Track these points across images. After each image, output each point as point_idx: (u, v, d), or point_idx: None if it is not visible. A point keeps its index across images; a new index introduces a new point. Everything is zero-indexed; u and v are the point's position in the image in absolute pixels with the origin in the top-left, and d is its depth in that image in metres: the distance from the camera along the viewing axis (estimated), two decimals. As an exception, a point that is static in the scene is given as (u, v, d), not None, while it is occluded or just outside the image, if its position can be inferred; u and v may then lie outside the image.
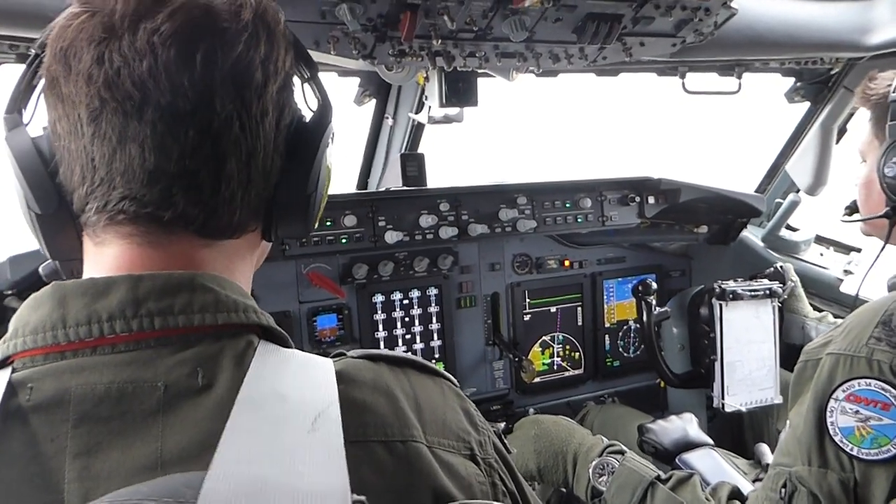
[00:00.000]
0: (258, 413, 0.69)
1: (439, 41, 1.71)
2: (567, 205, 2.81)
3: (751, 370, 2.62)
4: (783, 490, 1.45)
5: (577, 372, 3.15)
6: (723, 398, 2.56)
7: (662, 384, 3.18)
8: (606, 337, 3.20)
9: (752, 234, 3.31)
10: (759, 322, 2.63)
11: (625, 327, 3.24)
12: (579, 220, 2.83)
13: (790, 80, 2.99)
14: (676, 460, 2.10)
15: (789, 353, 2.71)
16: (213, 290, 0.78)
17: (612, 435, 2.57)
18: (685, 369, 2.82)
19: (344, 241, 2.46)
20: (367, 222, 2.49)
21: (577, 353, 3.14)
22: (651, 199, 2.93)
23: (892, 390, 1.33)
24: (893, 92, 1.53)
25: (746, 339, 2.61)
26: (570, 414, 3.01)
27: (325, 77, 2.27)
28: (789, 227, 3.30)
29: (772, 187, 3.37)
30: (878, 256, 1.73)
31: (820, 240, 3.33)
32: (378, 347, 2.72)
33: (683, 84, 2.62)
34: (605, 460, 1.91)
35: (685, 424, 2.24)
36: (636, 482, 1.80)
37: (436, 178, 2.66)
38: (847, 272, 3.02)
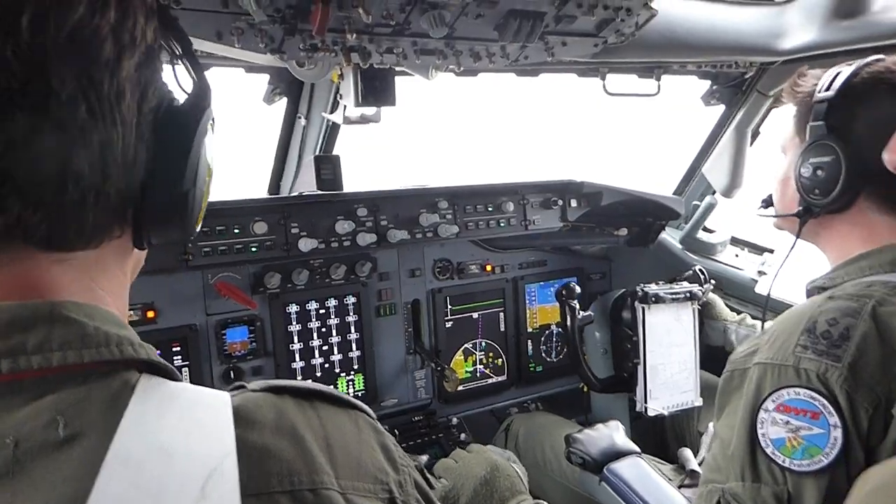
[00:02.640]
0: (134, 476, 0.58)
1: (354, 35, 1.60)
2: (489, 209, 2.74)
3: (672, 373, 2.62)
4: None
5: (500, 378, 3.10)
6: (645, 402, 2.56)
7: (585, 389, 3.17)
8: (529, 342, 3.16)
9: (671, 237, 3.34)
10: (680, 325, 2.63)
11: (547, 332, 3.21)
12: (502, 224, 2.77)
13: (706, 84, 3.03)
14: (605, 470, 2.05)
15: (710, 355, 2.73)
16: (78, 321, 0.66)
17: (538, 444, 2.50)
18: (608, 374, 2.79)
19: (254, 249, 2.30)
20: (278, 229, 2.34)
21: (500, 360, 3.09)
22: (574, 203, 2.90)
23: (821, 399, 1.30)
24: (818, 92, 1.52)
25: (668, 342, 2.62)
26: (494, 422, 2.95)
27: (231, 73, 2.12)
28: (706, 229, 3.36)
29: (689, 189, 3.42)
30: (788, 253, 1.73)
31: (735, 241, 3.40)
32: (293, 360, 2.60)
33: (604, 86, 2.61)
34: None
35: (612, 433, 2.20)
36: None
37: (352, 182, 2.54)
38: (761, 273, 3.08)
